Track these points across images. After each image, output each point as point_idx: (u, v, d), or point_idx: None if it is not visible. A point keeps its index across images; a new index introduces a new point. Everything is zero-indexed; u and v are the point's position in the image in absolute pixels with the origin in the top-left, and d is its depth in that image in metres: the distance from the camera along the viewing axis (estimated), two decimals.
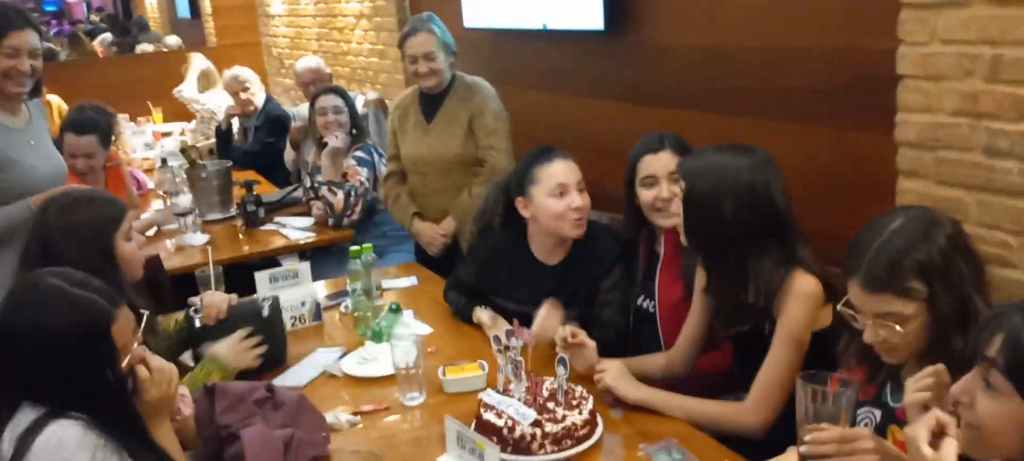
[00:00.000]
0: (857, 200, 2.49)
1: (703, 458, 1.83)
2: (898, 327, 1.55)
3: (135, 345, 1.63)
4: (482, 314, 2.61)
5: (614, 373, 2.08)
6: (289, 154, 4.91)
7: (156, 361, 1.67)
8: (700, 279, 2.18)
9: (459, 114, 3.41)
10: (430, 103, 3.48)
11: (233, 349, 2.26)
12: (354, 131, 3.92)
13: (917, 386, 1.39)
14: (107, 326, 1.55)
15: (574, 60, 3.66)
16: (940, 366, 1.39)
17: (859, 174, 2.50)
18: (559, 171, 2.48)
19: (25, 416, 1.50)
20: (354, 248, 2.68)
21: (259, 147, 5.23)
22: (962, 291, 1.54)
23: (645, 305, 2.47)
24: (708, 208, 1.98)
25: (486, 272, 2.67)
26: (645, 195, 2.39)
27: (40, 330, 1.51)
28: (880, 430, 1.65)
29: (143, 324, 1.67)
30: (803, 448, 1.47)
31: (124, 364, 1.58)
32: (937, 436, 1.27)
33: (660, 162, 2.37)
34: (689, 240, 2.08)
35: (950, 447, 1.23)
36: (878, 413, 1.68)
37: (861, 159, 2.49)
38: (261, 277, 2.71)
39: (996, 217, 2.08)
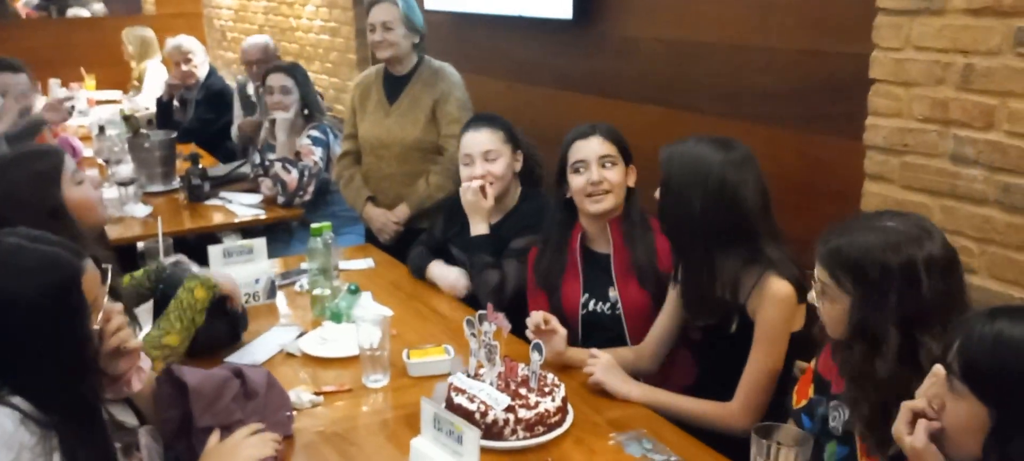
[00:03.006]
0: (822, 203, 2.52)
1: (672, 447, 1.83)
2: (826, 302, 1.60)
3: (104, 300, 1.54)
4: (435, 268, 2.81)
5: (604, 367, 2.06)
6: (236, 131, 4.77)
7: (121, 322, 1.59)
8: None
9: (423, 98, 3.35)
10: (394, 85, 3.41)
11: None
12: (306, 111, 3.83)
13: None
14: (77, 279, 1.46)
15: (539, 49, 3.64)
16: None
17: (825, 177, 2.53)
18: (466, 141, 2.74)
19: None
20: (314, 226, 2.61)
21: (198, 124, 5.06)
22: (882, 318, 1.49)
23: (597, 307, 2.41)
24: (679, 199, 1.99)
25: (450, 220, 2.86)
26: (576, 181, 2.36)
27: (5, 293, 1.40)
28: (849, 424, 1.68)
29: (109, 277, 1.57)
30: None
31: (97, 320, 1.49)
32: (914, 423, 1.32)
33: (590, 147, 2.37)
34: (663, 228, 2.09)
35: (921, 427, 1.29)
36: (846, 411, 1.70)
37: (828, 162, 2.52)
38: (215, 251, 2.62)
39: (959, 224, 2.13)
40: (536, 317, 2.12)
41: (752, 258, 1.97)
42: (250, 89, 4.83)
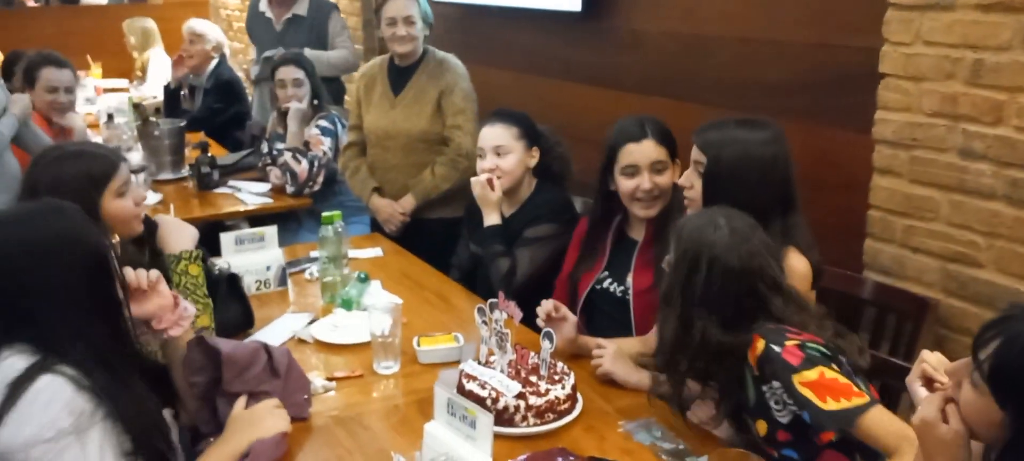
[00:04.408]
0: (830, 196, 2.54)
1: (680, 435, 1.85)
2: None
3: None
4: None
5: (611, 357, 2.07)
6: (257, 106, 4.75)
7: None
8: None
9: (428, 90, 3.36)
10: (399, 76, 3.42)
11: (176, 229, 2.22)
12: (316, 101, 3.84)
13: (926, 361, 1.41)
14: (79, 214, 1.55)
15: (548, 42, 3.65)
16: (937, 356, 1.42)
17: (834, 170, 2.55)
18: (481, 135, 2.80)
19: (14, 363, 1.43)
20: (326, 215, 2.63)
21: (206, 113, 5.06)
22: (674, 287, 1.73)
23: (611, 287, 2.43)
24: (734, 180, 1.97)
25: (471, 215, 2.88)
26: (626, 185, 2.35)
27: (20, 247, 1.48)
28: None
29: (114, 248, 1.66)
30: None
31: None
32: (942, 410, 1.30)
33: (643, 152, 2.34)
34: None
35: (954, 412, 1.28)
36: None
37: (836, 155, 2.54)
38: (227, 239, 2.64)
39: (967, 217, 2.15)
40: (546, 305, 2.14)
41: (782, 233, 1.99)
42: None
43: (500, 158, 2.73)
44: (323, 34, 4.63)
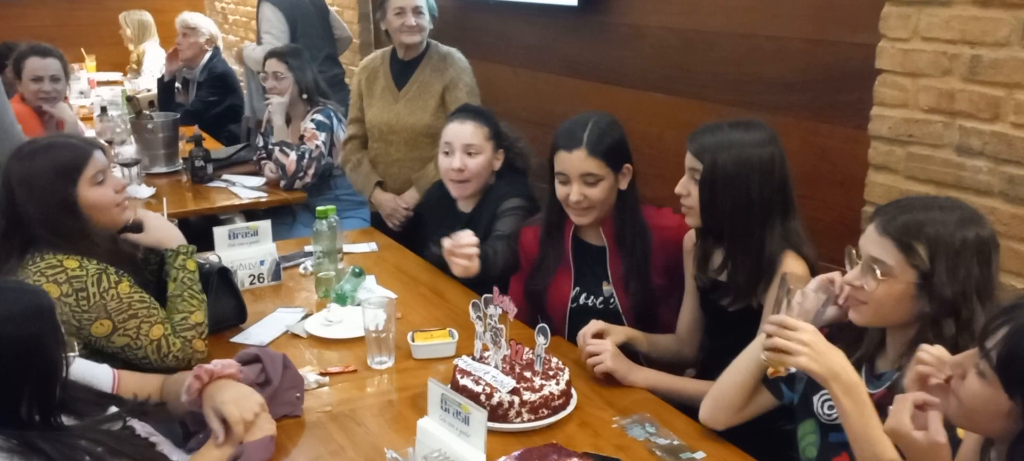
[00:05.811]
0: (827, 191, 2.53)
1: (675, 431, 1.84)
2: (878, 274, 1.55)
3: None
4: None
5: (611, 355, 2.04)
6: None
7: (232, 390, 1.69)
8: (690, 262, 2.18)
9: (432, 84, 3.35)
10: (402, 69, 3.41)
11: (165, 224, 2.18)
12: (304, 95, 3.80)
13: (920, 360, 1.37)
14: (51, 309, 1.42)
15: (546, 36, 3.64)
16: (937, 348, 1.39)
17: (831, 166, 2.54)
18: (447, 131, 2.76)
19: None
20: (320, 209, 2.62)
21: (200, 106, 5.04)
22: (965, 286, 1.51)
23: (589, 301, 2.36)
24: (734, 185, 1.95)
25: (424, 219, 2.92)
26: (559, 190, 2.30)
27: None
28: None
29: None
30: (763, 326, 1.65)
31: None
32: (920, 411, 1.28)
33: (571, 162, 2.25)
34: (708, 220, 2.02)
35: (936, 418, 1.26)
36: None
37: (834, 151, 2.53)
38: (220, 233, 2.62)
39: None
40: (589, 330, 2.09)
41: (784, 234, 1.98)
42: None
43: (470, 158, 2.68)
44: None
